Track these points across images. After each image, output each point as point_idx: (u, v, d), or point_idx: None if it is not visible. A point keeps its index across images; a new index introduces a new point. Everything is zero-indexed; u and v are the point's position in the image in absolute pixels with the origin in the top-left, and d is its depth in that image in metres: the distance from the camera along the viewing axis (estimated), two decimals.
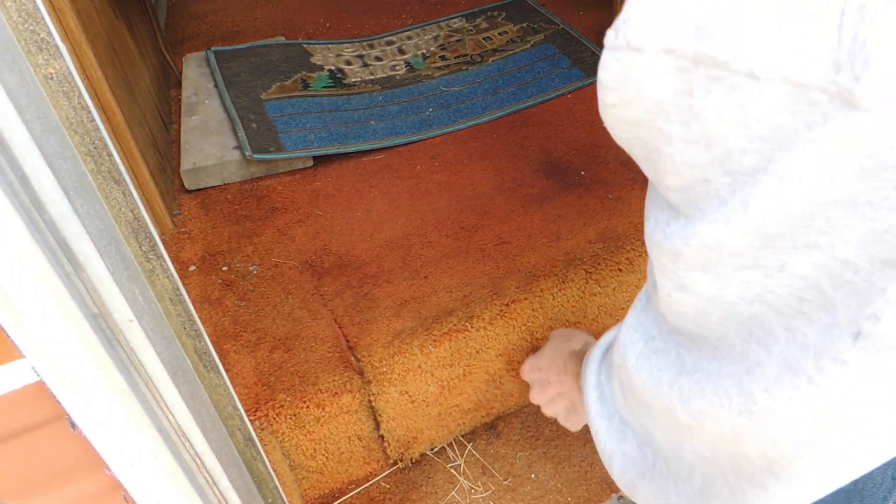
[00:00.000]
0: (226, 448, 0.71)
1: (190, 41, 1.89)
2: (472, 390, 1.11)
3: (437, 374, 1.05)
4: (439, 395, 1.08)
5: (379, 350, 1.02)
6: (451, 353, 1.04)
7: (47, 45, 0.45)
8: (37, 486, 0.62)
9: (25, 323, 0.48)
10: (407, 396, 1.05)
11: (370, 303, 1.10)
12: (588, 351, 0.71)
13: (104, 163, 0.51)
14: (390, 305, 1.09)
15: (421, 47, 1.80)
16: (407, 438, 1.10)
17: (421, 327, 1.04)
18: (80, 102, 0.48)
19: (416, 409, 1.07)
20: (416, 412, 1.08)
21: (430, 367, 1.04)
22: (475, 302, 1.07)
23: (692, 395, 0.41)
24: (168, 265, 0.59)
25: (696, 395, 0.40)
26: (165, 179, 1.37)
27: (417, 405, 1.07)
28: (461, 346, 1.04)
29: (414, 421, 1.09)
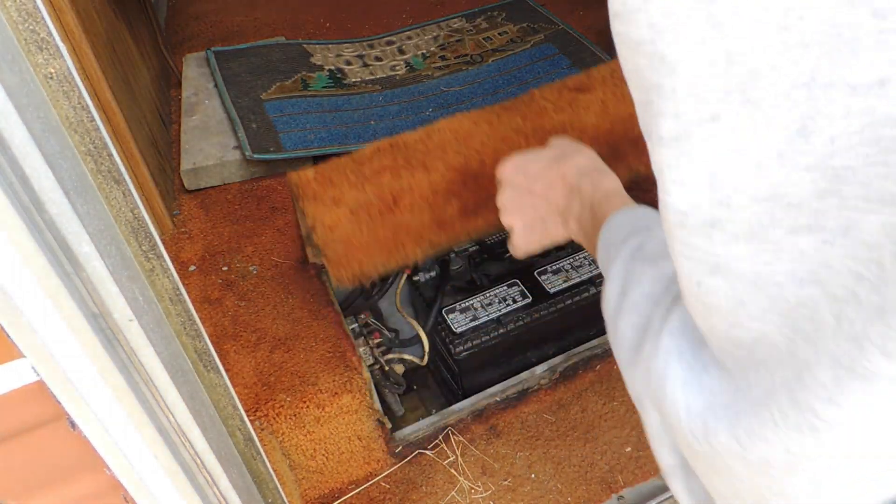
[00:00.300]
0: (226, 448, 0.71)
1: (190, 41, 1.89)
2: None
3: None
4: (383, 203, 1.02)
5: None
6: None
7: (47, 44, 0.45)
8: (37, 486, 0.62)
9: (25, 322, 0.48)
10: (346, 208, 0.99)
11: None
12: (610, 222, 0.61)
13: (104, 162, 0.51)
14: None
15: (421, 47, 1.80)
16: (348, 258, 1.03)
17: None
18: (80, 102, 0.48)
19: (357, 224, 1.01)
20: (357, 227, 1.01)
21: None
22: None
23: (743, 415, 0.34)
24: (168, 265, 0.59)
25: (749, 415, 0.33)
26: (165, 179, 1.37)
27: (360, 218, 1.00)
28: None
29: (356, 236, 1.01)
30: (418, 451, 1.16)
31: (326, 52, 1.78)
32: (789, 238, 0.29)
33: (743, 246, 0.30)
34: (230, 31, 1.93)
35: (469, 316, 1.20)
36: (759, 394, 0.33)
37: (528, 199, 0.78)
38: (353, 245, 1.00)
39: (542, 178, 0.77)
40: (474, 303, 1.22)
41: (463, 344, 1.17)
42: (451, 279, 1.25)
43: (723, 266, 0.31)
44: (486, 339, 1.18)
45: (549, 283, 1.23)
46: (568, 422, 1.18)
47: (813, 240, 0.28)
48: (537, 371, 1.24)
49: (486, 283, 1.25)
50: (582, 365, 1.26)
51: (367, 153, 1.07)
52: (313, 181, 1.04)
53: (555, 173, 0.75)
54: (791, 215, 0.28)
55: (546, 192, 0.76)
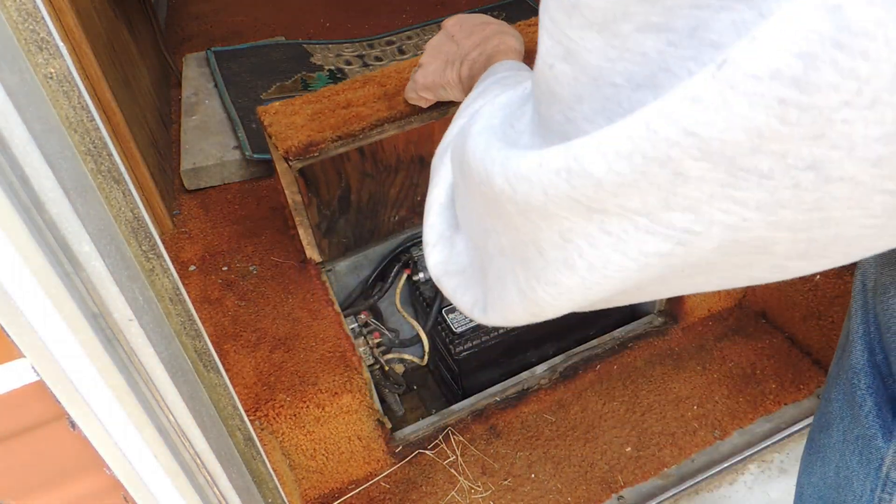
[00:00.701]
0: (226, 448, 0.71)
1: (190, 41, 1.89)
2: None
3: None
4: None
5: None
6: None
7: (47, 44, 0.45)
8: (37, 486, 0.62)
9: (25, 322, 0.48)
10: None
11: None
12: (494, 67, 0.63)
13: (104, 162, 0.51)
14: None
15: (421, 47, 1.80)
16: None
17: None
18: (79, 102, 0.48)
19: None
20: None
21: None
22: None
23: (515, 157, 0.33)
24: (168, 265, 0.59)
25: (520, 156, 0.33)
26: (165, 179, 1.37)
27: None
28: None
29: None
30: (418, 451, 1.16)
31: (326, 52, 1.78)
32: (636, 36, 0.28)
33: (595, 35, 0.29)
34: (230, 31, 1.93)
35: None
36: (538, 145, 0.33)
37: (446, 44, 0.83)
38: (298, 125, 1.07)
39: (467, 29, 0.81)
40: None
41: (463, 344, 1.17)
42: None
43: (573, 53, 0.30)
44: (486, 339, 1.19)
45: None
46: (568, 422, 1.18)
47: (658, 40, 0.27)
48: (537, 371, 1.24)
49: None
50: (582, 365, 1.26)
51: (324, 89, 1.16)
52: (278, 105, 1.12)
53: (479, 27, 0.80)
54: (643, 9, 0.27)
55: (462, 39, 0.80)
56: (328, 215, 1.16)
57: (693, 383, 1.21)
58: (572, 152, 0.30)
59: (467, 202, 0.43)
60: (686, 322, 1.32)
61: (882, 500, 0.50)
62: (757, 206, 0.27)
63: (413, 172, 1.19)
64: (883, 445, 0.49)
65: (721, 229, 0.28)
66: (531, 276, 0.36)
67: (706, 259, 0.31)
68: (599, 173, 0.29)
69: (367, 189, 1.16)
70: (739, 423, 1.15)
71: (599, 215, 0.30)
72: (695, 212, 0.28)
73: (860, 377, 0.52)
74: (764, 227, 0.27)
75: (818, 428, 0.59)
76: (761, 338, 1.28)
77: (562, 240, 0.33)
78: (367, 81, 1.13)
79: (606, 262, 0.32)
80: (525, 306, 0.38)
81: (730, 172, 0.26)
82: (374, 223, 1.22)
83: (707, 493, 1.09)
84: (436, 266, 0.47)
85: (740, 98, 0.24)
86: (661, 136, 0.26)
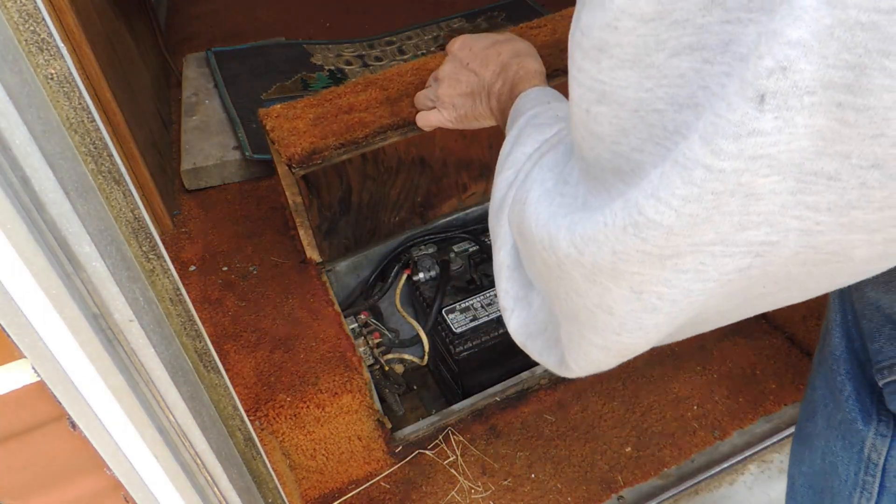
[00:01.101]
0: (226, 448, 0.71)
1: (190, 41, 1.89)
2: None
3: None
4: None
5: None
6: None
7: (48, 45, 0.45)
8: (37, 486, 0.62)
9: (26, 323, 0.48)
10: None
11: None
12: (522, 97, 0.63)
13: (104, 163, 0.51)
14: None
15: (421, 47, 1.80)
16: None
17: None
18: (80, 103, 0.48)
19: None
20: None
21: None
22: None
23: (581, 221, 0.34)
24: (168, 265, 0.59)
25: (585, 220, 0.34)
26: (166, 179, 1.37)
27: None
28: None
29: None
30: (418, 451, 1.16)
31: (327, 52, 1.78)
32: (671, 61, 0.28)
33: (628, 73, 0.30)
34: (230, 31, 1.93)
35: (469, 316, 1.20)
36: (600, 202, 0.33)
37: (464, 74, 0.80)
38: (301, 131, 1.07)
39: (480, 56, 0.79)
40: (474, 303, 1.22)
41: (463, 344, 1.17)
42: (451, 279, 1.25)
43: (608, 94, 0.31)
44: (486, 339, 1.19)
45: None
46: (568, 422, 1.18)
47: (693, 59, 0.28)
48: (537, 371, 1.24)
49: (486, 283, 1.25)
50: None
51: (326, 92, 1.15)
52: (280, 109, 1.11)
53: (493, 52, 0.78)
54: (675, 34, 0.28)
55: (479, 68, 0.78)
56: (329, 216, 1.16)
57: (693, 383, 1.21)
58: (635, 206, 0.30)
59: (530, 266, 0.43)
60: None
61: (865, 483, 0.51)
62: (828, 208, 0.27)
63: (414, 173, 1.19)
64: (863, 428, 0.50)
65: (797, 236, 0.29)
66: (609, 334, 0.37)
67: (787, 270, 0.31)
68: (669, 221, 0.29)
69: (368, 190, 1.16)
70: (739, 423, 1.15)
71: (673, 259, 0.31)
72: (770, 224, 0.29)
73: (839, 363, 0.53)
74: (838, 229, 0.28)
75: (804, 417, 0.60)
76: (761, 338, 1.28)
77: (634, 293, 0.34)
78: (369, 85, 1.13)
79: (688, 293, 0.32)
80: (613, 356, 0.39)
81: (798, 179, 0.26)
82: (375, 224, 1.22)
83: (707, 493, 1.09)
84: (518, 331, 0.47)
85: (798, 111, 0.25)
86: (728, 170, 0.27)
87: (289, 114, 1.09)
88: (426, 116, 0.88)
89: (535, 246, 0.39)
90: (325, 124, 1.07)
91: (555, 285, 0.39)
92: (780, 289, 0.33)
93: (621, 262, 0.32)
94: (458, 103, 0.81)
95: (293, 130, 1.06)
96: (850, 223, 0.28)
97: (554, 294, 0.40)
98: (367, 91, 1.12)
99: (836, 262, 0.30)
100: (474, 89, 0.79)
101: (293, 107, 1.11)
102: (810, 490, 0.59)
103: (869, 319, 0.49)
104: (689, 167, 0.27)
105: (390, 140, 1.06)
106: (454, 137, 1.17)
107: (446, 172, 1.22)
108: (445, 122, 0.84)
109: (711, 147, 0.26)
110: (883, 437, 0.49)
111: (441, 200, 1.26)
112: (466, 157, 1.23)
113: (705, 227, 0.29)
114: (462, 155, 1.21)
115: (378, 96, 1.10)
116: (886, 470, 0.49)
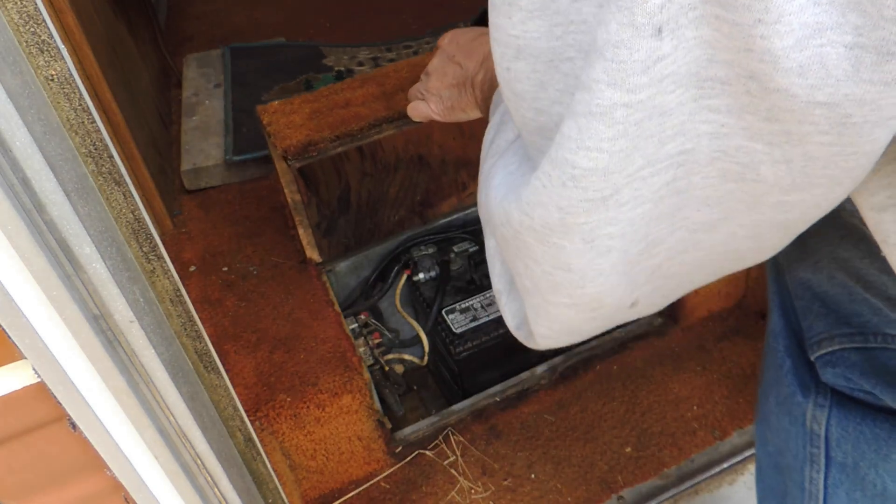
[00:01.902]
0: (226, 448, 0.71)
1: (190, 41, 1.89)
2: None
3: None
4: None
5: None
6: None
7: (48, 47, 0.45)
8: (37, 487, 0.62)
9: (26, 324, 0.48)
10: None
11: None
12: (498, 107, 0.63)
13: (105, 164, 0.51)
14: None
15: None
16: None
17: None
18: (80, 104, 0.48)
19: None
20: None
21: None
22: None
23: (523, 187, 0.35)
24: (168, 266, 0.59)
25: (527, 186, 0.34)
26: (166, 180, 1.37)
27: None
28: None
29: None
30: (418, 451, 1.16)
31: (341, 55, 1.77)
32: (574, 6, 0.29)
33: (538, 21, 0.31)
34: (230, 31, 1.93)
35: (469, 316, 1.20)
36: (536, 165, 0.34)
37: (450, 67, 0.81)
38: (298, 125, 1.08)
39: (465, 48, 0.80)
40: (474, 303, 1.22)
41: (463, 344, 1.17)
42: (451, 279, 1.25)
43: (523, 48, 0.32)
44: (486, 339, 1.19)
45: None
46: (568, 422, 1.18)
47: (591, 3, 0.29)
48: (537, 371, 1.24)
49: (486, 284, 1.25)
50: (582, 365, 1.26)
51: (323, 89, 1.17)
52: (277, 105, 1.12)
53: (477, 44, 0.78)
54: None
55: (464, 60, 0.79)
56: (328, 215, 1.16)
57: (693, 384, 1.22)
58: (565, 162, 0.31)
59: (503, 252, 0.44)
60: (686, 322, 1.32)
61: (813, 456, 0.52)
62: (728, 110, 0.29)
63: (412, 171, 1.19)
64: (803, 401, 0.52)
65: (708, 140, 0.30)
66: (574, 289, 0.37)
67: (712, 186, 0.32)
68: (603, 163, 0.30)
69: (367, 188, 1.16)
70: (739, 423, 1.15)
71: (614, 198, 0.32)
72: (683, 133, 0.30)
73: (778, 340, 0.55)
74: (741, 133, 0.29)
75: (761, 398, 0.62)
76: (761, 338, 1.28)
77: (586, 244, 0.34)
78: (366, 81, 1.14)
79: (632, 222, 0.33)
80: (583, 311, 0.39)
81: (698, 86, 0.28)
82: (374, 223, 1.22)
83: (707, 493, 1.09)
84: (514, 316, 0.48)
85: (686, 26, 0.26)
86: (644, 99, 0.28)
87: (286, 109, 1.10)
88: (416, 107, 0.89)
89: (496, 224, 0.40)
90: (321, 118, 1.07)
91: (515, 261, 0.40)
92: (718, 217, 0.34)
93: (568, 216, 0.33)
94: (446, 95, 0.82)
95: (290, 124, 1.07)
96: (748, 127, 0.29)
97: (516, 272, 0.41)
98: (363, 87, 1.12)
99: (752, 179, 0.31)
100: (460, 81, 0.80)
101: (290, 103, 1.12)
102: (775, 470, 0.61)
103: (800, 298, 0.51)
104: (608, 112, 0.29)
105: (385, 133, 1.06)
106: (452, 135, 1.17)
107: (445, 171, 1.22)
108: (434, 114, 0.85)
109: (626, 86, 0.28)
110: (821, 407, 0.51)
111: (440, 199, 1.26)
112: (465, 155, 1.23)
113: (635, 156, 0.30)
114: (460, 153, 1.21)
115: (374, 92, 1.11)
116: (829, 440, 0.51)
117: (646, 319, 1.34)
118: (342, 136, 1.05)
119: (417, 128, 1.10)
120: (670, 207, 0.34)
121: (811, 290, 0.50)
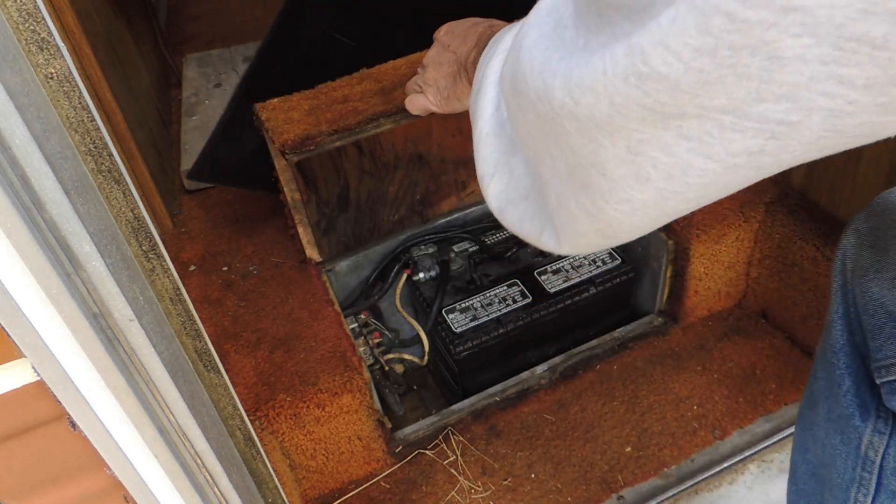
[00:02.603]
0: (226, 448, 0.71)
1: (190, 41, 1.89)
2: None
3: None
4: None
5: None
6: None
7: (48, 44, 0.45)
8: (37, 486, 0.62)
9: (25, 322, 0.48)
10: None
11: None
12: (499, 32, 0.57)
13: (104, 162, 0.51)
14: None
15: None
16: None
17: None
18: (80, 102, 0.48)
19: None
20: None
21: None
22: None
23: (577, 66, 0.30)
24: (168, 265, 0.59)
25: (582, 65, 0.29)
26: (166, 179, 1.37)
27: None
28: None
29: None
30: (418, 451, 1.16)
31: None
32: None
33: None
34: (230, 31, 1.93)
35: (469, 316, 1.20)
36: (600, 44, 0.29)
37: (444, 57, 0.80)
38: (295, 120, 1.08)
39: (460, 36, 0.78)
40: (474, 303, 1.22)
41: (463, 344, 1.17)
42: (451, 279, 1.25)
43: None
44: (486, 339, 1.18)
45: (549, 282, 1.23)
46: (568, 422, 1.18)
47: None
48: (537, 371, 1.24)
49: (486, 283, 1.25)
50: (582, 365, 1.26)
51: (321, 86, 1.17)
52: (275, 102, 1.13)
53: (472, 31, 0.77)
54: None
55: (458, 47, 0.77)
56: (327, 213, 1.16)
57: (693, 383, 1.21)
58: (639, 53, 0.26)
59: (521, 123, 0.39)
60: (686, 322, 1.32)
61: (863, 479, 0.51)
62: (866, 84, 0.23)
63: (412, 170, 1.19)
64: (860, 424, 0.50)
65: (822, 117, 0.24)
66: (598, 198, 0.33)
67: (802, 156, 0.27)
68: (676, 75, 0.25)
69: (366, 187, 1.16)
70: (739, 423, 1.15)
71: (676, 121, 0.27)
72: (792, 99, 0.24)
73: (839, 356, 0.53)
74: (873, 110, 0.24)
75: (807, 405, 0.60)
76: (761, 338, 1.28)
77: (630, 154, 0.30)
78: (365, 78, 1.14)
79: (687, 169, 0.29)
80: (597, 228, 0.35)
81: (836, 45, 0.22)
82: (374, 222, 1.22)
83: (707, 493, 1.09)
84: (497, 197, 0.43)
85: None
86: (753, 20, 0.22)
87: (284, 106, 1.11)
88: (414, 100, 0.88)
89: (528, 98, 0.34)
90: (319, 113, 1.08)
91: (547, 141, 0.35)
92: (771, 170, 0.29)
93: (620, 115, 0.28)
94: (442, 85, 0.82)
95: (287, 120, 1.08)
96: (888, 104, 0.23)
97: (546, 151, 0.36)
98: (362, 84, 1.13)
99: (859, 141, 0.26)
100: (454, 69, 0.79)
101: (288, 100, 1.12)
102: (813, 479, 0.60)
103: (871, 315, 0.48)
104: (707, 12, 0.23)
105: (384, 127, 1.07)
106: (451, 133, 1.17)
107: (445, 169, 1.22)
108: (431, 105, 0.84)
109: None
110: (881, 433, 0.49)
111: (440, 198, 1.26)
112: (465, 154, 1.23)
113: (717, 89, 0.25)
114: (460, 152, 1.20)
115: (373, 87, 1.12)
116: (883, 467, 0.49)
117: (646, 319, 1.34)
118: (340, 131, 1.05)
119: (416, 126, 1.10)
120: (740, 179, 0.29)
121: (885, 308, 0.46)
